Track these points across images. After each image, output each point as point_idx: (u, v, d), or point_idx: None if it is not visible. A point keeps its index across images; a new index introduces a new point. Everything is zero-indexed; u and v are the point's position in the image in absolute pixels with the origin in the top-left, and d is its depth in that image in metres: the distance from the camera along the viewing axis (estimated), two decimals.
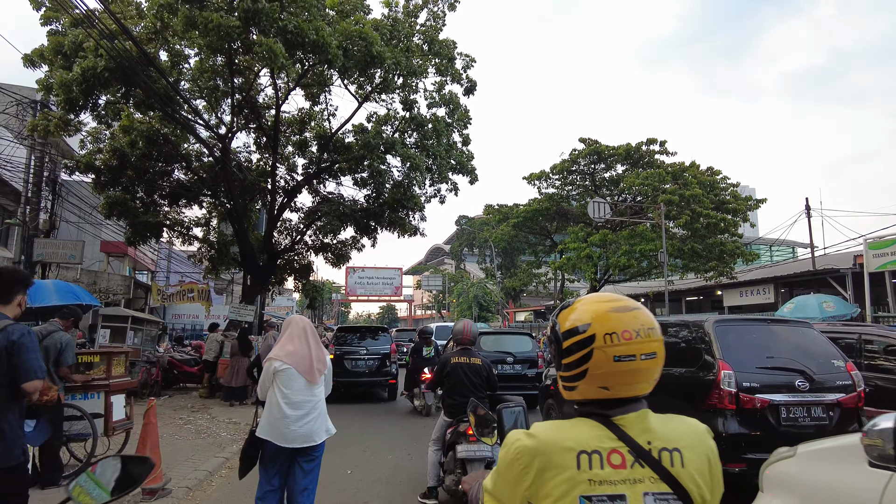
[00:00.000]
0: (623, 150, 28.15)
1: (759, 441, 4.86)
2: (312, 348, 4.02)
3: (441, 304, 72.55)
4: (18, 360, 2.75)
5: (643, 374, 1.21)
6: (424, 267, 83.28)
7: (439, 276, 70.17)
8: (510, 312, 48.77)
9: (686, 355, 5.69)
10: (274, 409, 3.77)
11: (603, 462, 1.15)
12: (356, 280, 78.96)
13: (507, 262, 47.83)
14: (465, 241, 52.78)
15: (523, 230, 34.69)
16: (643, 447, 1.17)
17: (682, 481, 1.15)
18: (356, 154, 13.34)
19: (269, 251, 13.53)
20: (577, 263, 27.07)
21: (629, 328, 1.20)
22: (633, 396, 1.23)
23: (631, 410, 1.22)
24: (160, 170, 14.75)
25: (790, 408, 5.04)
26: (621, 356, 1.18)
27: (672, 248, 24.85)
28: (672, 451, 1.18)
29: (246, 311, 13.56)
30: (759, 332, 5.75)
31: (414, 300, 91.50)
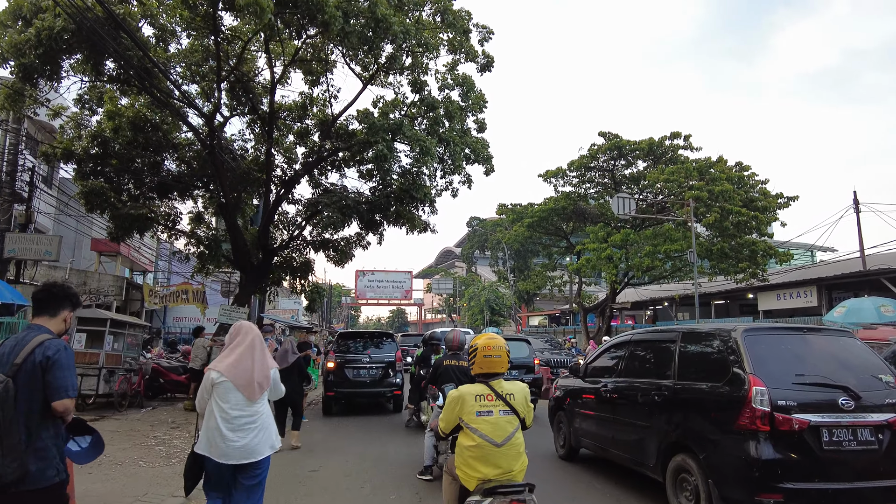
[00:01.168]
0: (646, 144, 26.60)
1: (798, 468, 4.35)
2: (256, 361, 3.79)
3: (452, 308, 71.20)
4: (51, 376, 2.74)
5: (497, 363, 3.54)
6: (435, 270, 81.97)
7: (450, 280, 68.87)
8: (523, 317, 47.18)
9: (712, 369, 5.14)
10: (210, 423, 3.64)
11: (484, 399, 3.43)
12: (366, 283, 78.43)
13: (520, 264, 46.32)
14: (477, 243, 51.31)
15: (538, 231, 33.19)
16: (500, 392, 3.45)
17: (514, 406, 3.44)
18: (360, 139, 11.99)
19: (265, 247, 12.20)
20: (597, 265, 25.52)
21: (489, 343, 3.59)
22: (496, 373, 3.55)
23: (494, 379, 3.54)
24: (150, 160, 13.49)
25: (833, 430, 4.44)
26: (487, 355, 3.54)
27: (699, 249, 23.23)
28: (510, 394, 3.47)
29: (238, 314, 12.23)
30: (795, 343, 5.11)
31: (424, 304, 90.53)
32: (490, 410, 3.38)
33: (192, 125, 11.87)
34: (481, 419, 3.35)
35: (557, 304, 53.96)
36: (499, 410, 3.39)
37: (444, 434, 3.59)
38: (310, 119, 14.42)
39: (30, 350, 2.76)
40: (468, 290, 63.50)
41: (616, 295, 29.07)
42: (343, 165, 14.96)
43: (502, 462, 3.30)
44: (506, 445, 3.32)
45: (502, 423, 3.36)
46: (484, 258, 55.32)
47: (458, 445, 3.47)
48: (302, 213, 12.93)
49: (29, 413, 2.70)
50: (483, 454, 3.30)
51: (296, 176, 12.50)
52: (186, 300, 16.23)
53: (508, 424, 3.37)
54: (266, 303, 18.96)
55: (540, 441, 8.42)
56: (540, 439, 8.46)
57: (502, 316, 58.42)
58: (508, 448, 3.33)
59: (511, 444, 3.34)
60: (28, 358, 2.73)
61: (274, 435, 3.82)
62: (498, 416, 3.37)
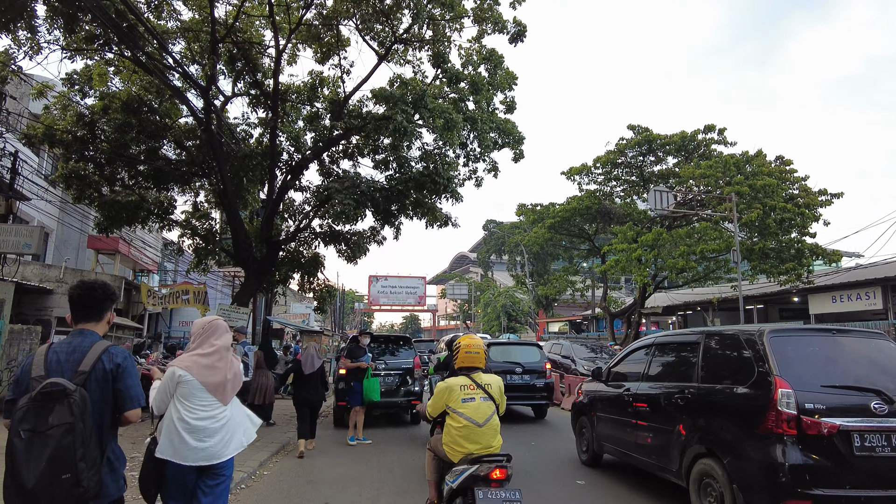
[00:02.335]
0: (678, 138, 24.98)
1: (827, 474, 4.24)
2: (229, 362, 3.50)
3: (466, 315, 69.67)
4: (123, 385, 2.71)
5: (476, 359, 4.35)
6: (449, 275, 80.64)
7: (464, 285, 67.36)
8: (541, 323, 45.46)
9: (736, 371, 5.04)
10: (172, 425, 3.30)
11: (467, 388, 4.19)
12: (379, 289, 77.70)
13: (539, 268, 44.65)
14: (494, 247, 49.77)
15: (560, 233, 31.58)
16: (479, 383, 4.23)
17: (491, 394, 4.23)
18: (376, 116, 10.61)
19: (268, 240, 10.83)
20: (627, 266, 23.87)
21: (470, 342, 4.43)
22: (475, 366, 4.35)
23: (474, 371, 4.33)
24: (147, 147, 12.22)
25: (865, 435, 4.30)
26: (467, 352, 4.35)
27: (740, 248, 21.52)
28: (487, 384, 4.26)
29: (239, 315, 10.87)
30: (824, 345, 4.96)
31: (438, 310, 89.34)
32: (472, 397, 4.15)
33: (184, 96, 10.57)
34: (466, 405, 4.12)
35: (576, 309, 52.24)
36: (480, 397, 4.16)
37: (432, 418, 4.41)
38: (320, 102, 13.06)
39: (96, 357, 2.66)
40: (483, 296, 61.97)
41: (645, 299, 27.39)
42: (356, 154, 13.59)
43: (482, 439, 4.09)
44: (486, 426, 4.12)
45: (483, 408, 4.14)
46: (500, 263, 53.75)
47: (447, 427, 4.19)
48: (310, 201, 11.55)
49: (101, 423, 2.63)
50: (468, 433, 4.06)
51: (304, 161, 11.14)
52: (187, 301, 14.90)
53: (488, 408, 4.16)
54: (272, 304, 17.59)
55: (563, 446, 8.48)
56: (563, 444, 8.56)
57: (519, 322, 56.80)
58: (488, 428, 4.13)
59: (490, 425, 4.15)
60: (96, 365, 2.64)
61: (242, 433, 3.55)
62: (479, 402, 4.15)
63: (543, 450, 8.88)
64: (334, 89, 12.84)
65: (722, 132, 25.08)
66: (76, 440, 2.44)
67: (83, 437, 2.46)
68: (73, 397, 2.47)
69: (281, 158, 11.64)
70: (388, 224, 13.45)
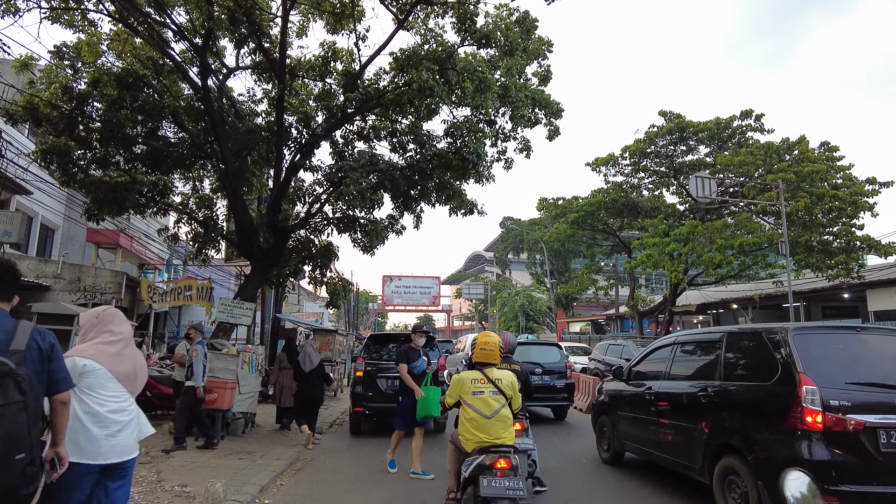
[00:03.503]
0: (712, 125, 23.45)
1: (854, 470, 4.19)
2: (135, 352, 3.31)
3: (482, 315, 68.31)
4: (57, 365, 2.64)
5: (490, 355, 4.69)
6: (464, 275, 79.41)
7: (480, 284, 66.05)
8: (561, 323, 43.88)
9: (760, 368, 5.00)
10: (74, 423, 2.91)
11: (477, 382, 4.56)
12: (393, 289, 77.24)
13: (559, 266, 43.10)
14: (511, 245, 48.27)
15: (583, 228, 30.09)
16: (490, 378, 4.57)
17: (502, 389, 4.52)
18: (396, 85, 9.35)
19: (275, 226, 9.59)
20: (659, 262, 22.36)
21: (485, 339, 4.77)
22: (489, 362, 4.69)
23: (488, 367, 4.67)
24: (147, 128, 11.08)
25: (891, 431, 4.22)
26: (482, 348, 4.71)
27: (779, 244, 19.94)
28: (498, 379, 4.57)
29: (242, 311, 9.65)
30: (849, 342, 4.96)
31: (452, 310, 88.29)
32: (482, 391, 4.48)
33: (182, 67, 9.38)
34: (475, 398, 4.47)
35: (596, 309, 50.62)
36: (489, 391, 4.48)
37: (448, 406, 4.78)
38: (332, 78, 11.80)
39: (28, 336, 2.54)
40: (500, 296, 60.55)
41: (676, 296, 25.85)
42: (372, 136, 12.33)
43: (492, 431, 4.36)
44: (494, 418, 4.39)
45: (491, 401, 4.44)
46: (518, 262, 52.25)
47: (460, 418, 4.58)
48: (322, 183, 10.29)
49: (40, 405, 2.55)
50: (478, 424, 4.39)
51: (315, 139, 9.89)
52: (190, 298, 13.72)
53: (496, 402, 4.44)
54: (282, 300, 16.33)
55: (584, 444, 8.49)
56: (584, 443, 8.55)
57: (537, 322, 55.32)
58: (496, 420, 4.39)
59: (498, 417, 4.41)
60: (30, 345, 2.53)
61: (144, 425, 3.32)
62: (488, 395, 4.47)
63: (563, 449, 8.77)
64: (348, 62, 11.59)
65: (759, 118, 23.50)
66: (30, 419, 2.39)
67: (35, 417, 2.43)
68: (21, 375, 2.39)
69: (289, 135, 10.40)
70: (408, 211, 12.17)
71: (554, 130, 11.66)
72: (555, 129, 11.65)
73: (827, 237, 20.60)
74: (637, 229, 30.65)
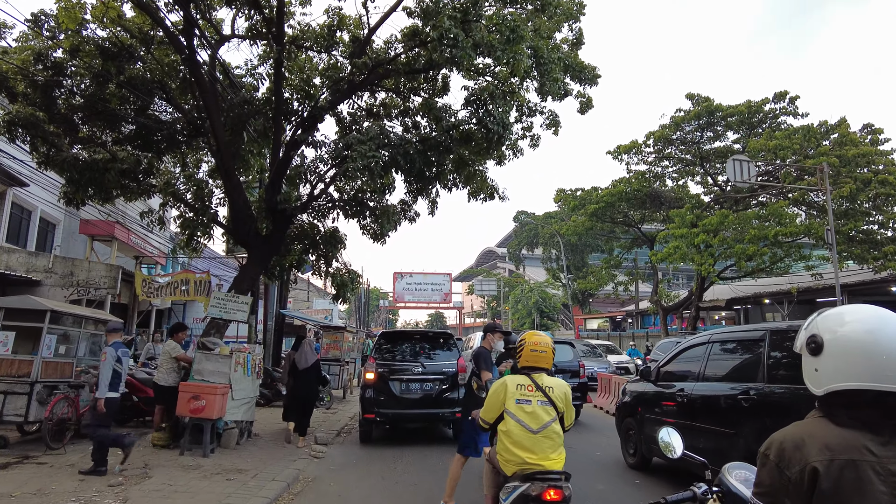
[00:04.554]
0: (744, 108, 22.02)
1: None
2: None
3: (495, 312, 67.06)
4: None
5: (542, 358, 3.65)
6: (475, 271, 78.23)
7: (493, 281, 64.82)
8: (577, 320, 42.48)
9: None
10: None
11: (524, 388, 3.53)
12: (403, 286, 76.75)
13: (575, 261, 41.73)
14: (525, 240, 46.96)
15: (602, 220, 28.74)
16: (540, 384, 3.53)
17: (552, 398, 3.49)
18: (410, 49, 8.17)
19: (274, 208, 8.41)
20: (687, 254, 21.01)
21: (536, 339, 3.71)
22: (539, 367, 3.65)
23: (537, 372, 3.61)
24: (135, 105, 9.99)
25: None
26: (533, 349, 3.66)
27: (820, 231, 18.53)
28: (549, 387, 3.54)
29: (236, 305, 8.52)
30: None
31: (464, 307, 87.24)
32: (529, 399, 3.55)
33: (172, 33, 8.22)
34: (519, 406, 3.53)
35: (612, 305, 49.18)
36: (537, 401, 3.54)
37: (487, 424, 3.72)
38: (338, 49, 10.61)
39: None
40: (513, 292, 59.25)
41: (703, 291, 24.46)
42: (382, 115, 11.15)
43: (537, 449, 3.44)
44: (542, 433, 3.47)
45: (539, 412, 3.51)
46: (532, 258, 50.91)
47: (499, 432, 3.60)
48: (326, 160, 9.11)
49: None
50: (520, 439, 3.46)
51: (318, 111, 8.73)
52: (186, 293, 12.67)
53: (546, 414, 3.51)
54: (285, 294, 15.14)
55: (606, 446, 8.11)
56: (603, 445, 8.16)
57: (551, 319, 54.03)
58: (545, 436, 3.47)
59: (547, 433, 3.48)
60: None
61: None
62: (536, 405, 3.53)
63: (584, 452, 8.25)
64: (356, 29, 10.40)
65: (794, 101, 22.00)
66: None
67: None
68: None
69: (289, 108, 9.25)
70: (422, 195, 11.00)
71: (586, 102, 10.43)
72: (587, 101, 10.42)
73: (870, 226, 19.16)
74: (658, 222, 29.30)
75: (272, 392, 12.62)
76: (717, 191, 25.35)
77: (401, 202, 11.12)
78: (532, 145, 10.98)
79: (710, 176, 25.14)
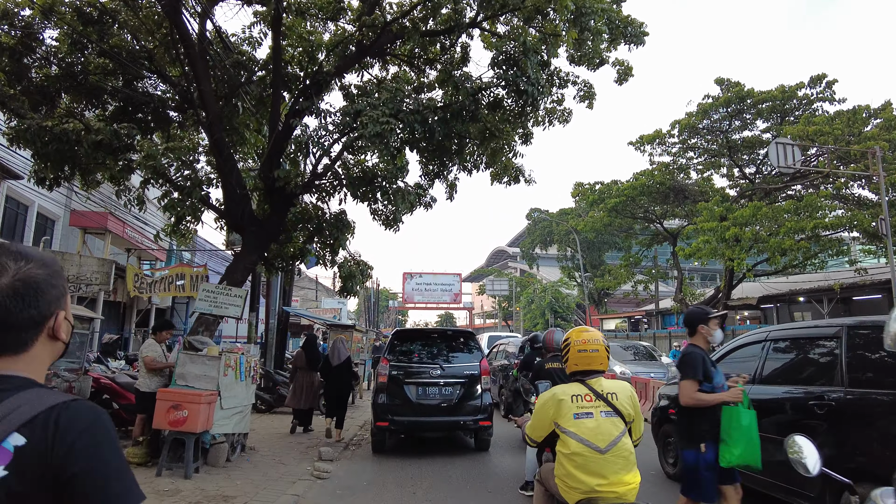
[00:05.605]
0: (778, 93, 20.63)
1: None
2: None
3: (506, 313, 65.77)
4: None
5: (595, 359, 3.00)
6: (486, 271, 77.05)
7: (505, 280, 63.53)
8: (594, 320, 41.06)
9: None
10: None
11: (582, 399, 2.87)
12: (413, 286, 76.34)
13: (592, 259, 40.38)
14: (539, 238, 45.55)
15: (623, 215, 27.43)
16: (599, 392, 2.90)
17: (616, 406, 2.86)
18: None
19: (271, 186, 7.23)
20: (717, 249, 19.69)
21: (584, 337, 3.06)
22: (593, 369, 3.01)
23: (592, 377, 2.98)
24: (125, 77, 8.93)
25: None
26: (581, 350, 3.02)
27: (866, 223, 17.17)
28: (611, 393, 2.91)
29: (228, 299, 7.40)
30: None
31: (474, 308, 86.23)
32: (590, 412, 2.90)
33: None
34: (580, 422, 2.87)
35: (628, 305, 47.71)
36: (600, 412, 2.90)
37: (534, 443, 3.19)
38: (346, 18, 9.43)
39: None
40: (525, 292, 57.91)
41: (732, 288, 23.09)
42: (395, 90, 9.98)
43: (606, 472, 2.78)
44: (611, 451, 2.81)
45: (605, 426, 2.86)
46: (546, 257, 49.57)
47: (557, 455, 2.98)
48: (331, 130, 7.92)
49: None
50: (585, 462, 2.80)
51: (323, 76, 7.57)
52: (182, 288, 11.61)
53: (613, 427, 2.86)
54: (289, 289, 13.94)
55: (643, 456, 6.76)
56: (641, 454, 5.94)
57: (565, 320, 52.69)
58: (614, 455, 2.81)
59: (617, 451, 2.82)
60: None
61: None
62: (599, 417, 2.89)
63: None
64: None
65: (831, 85, 20.58)
66: None
67: None
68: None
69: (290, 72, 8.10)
70: (440, 177, 9.86)
71: (625, 70, 9.19)
72: (626, 69, 9.18)
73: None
74: (681, 217, 28.01)
75: (274, 397, 11.51)
76: (745, 183, 24.00)
77: (416, 185, 9.95)
78: (562, 120, 9.79)
79: (738, 167, 23.78)
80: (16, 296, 1.02)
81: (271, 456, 7.37)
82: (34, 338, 1.07)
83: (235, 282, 7.59)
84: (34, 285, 1.04)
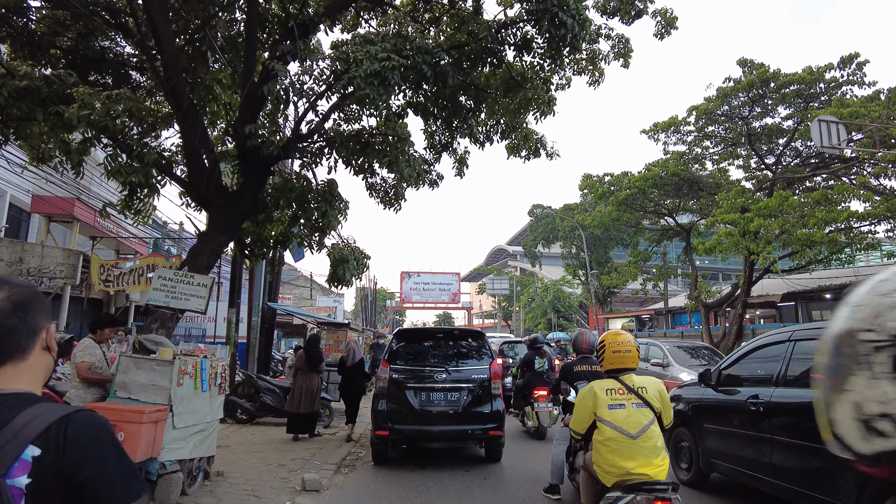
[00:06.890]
0: (806, 74, 19.23)
1: None
2: None
3: (506, 313, 64.41)
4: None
5: (628, 358, 3.53)
6: (486, 270, 75.88)
7: (505, 279, 62.23)
8: (599, 319, 39.64)
9: None
10: None
11: (615, 393, 3.38)
12: (411, 286, 75.54)
13: (598, 256, 39.02)
14: (541, 235, 44.13)
15: (633, 209, 26.03)
16: (631, 386, 3.39)
17: (647, 399, 3.35)
18: None
19: (244, 150, 5.78)
20: (740, 242, 18.28)
21: (618, 339, 3.63)
22: (626, 367, 3.52)
23: (625, 373, 3.49)
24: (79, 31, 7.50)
25: None
26: (616, 350, 3.55)
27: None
28: (641, 387, 3.40)
29: (190, 288, 5.95)
30: None
31: (473, 308, 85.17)
32: (622, 404, 3.39)
33: None
34: (613, 412, 3.36)
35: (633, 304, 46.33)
36: (631, 403, 3.39)
37: (580, 435, 3.63)
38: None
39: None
40: (526, 291, 56.52)
41: (752, 285, 21.71)
42: None
43: (638, 455, 3.26)
44: (641, 437, 3.29)
45: (636, 416, 3.34)
46: (548, 255, 48.18)
47: (594, 442, 3.45)
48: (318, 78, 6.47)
49: None
50: (619, 447, 3.28)
51: (308, 18, 6.12)
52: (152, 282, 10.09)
53: (643, 416, 3.34)
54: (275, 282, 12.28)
55: None
56: None
57: (567, 319, 51.37)
58: (644, 440, 3.29)
59: (647, 437, 3.30)
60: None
61: None
62: (631, 408, 3.37)
63: None
64: None
65: (862, 66, 19.18)
66: None
67: None
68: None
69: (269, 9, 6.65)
70: (447, 150, 8.46)
71: (668, 21, 7.77)
72: (669, 19, 7.76)
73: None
74: (693, 211, 26.68)
75: (257, 405, 10.06)
76: (765, 174, 22.62)
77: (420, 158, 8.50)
78: (593, 83, 8.37)
79: (758, 156, 22.41)
80: (12, 307, 1.19)
81: (244, 484, 5.90)
82: (31, 346, 1.22)
83: (199, 267, 6.13)
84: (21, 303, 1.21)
